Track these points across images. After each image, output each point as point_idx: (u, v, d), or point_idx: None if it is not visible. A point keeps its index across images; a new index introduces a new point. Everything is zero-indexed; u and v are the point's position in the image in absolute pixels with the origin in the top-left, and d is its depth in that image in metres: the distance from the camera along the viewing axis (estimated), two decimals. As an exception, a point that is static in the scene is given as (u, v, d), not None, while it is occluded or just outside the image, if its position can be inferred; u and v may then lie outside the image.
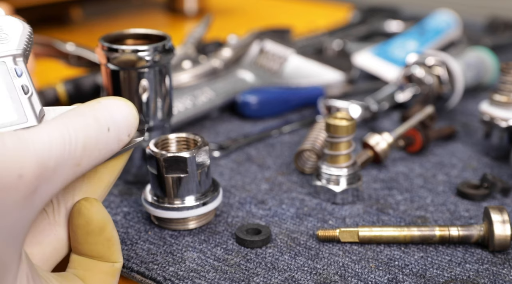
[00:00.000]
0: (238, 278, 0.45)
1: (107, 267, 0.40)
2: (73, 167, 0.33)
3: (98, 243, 0.39)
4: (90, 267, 0.39)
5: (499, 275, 0.45)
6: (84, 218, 0.38)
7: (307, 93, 0.75)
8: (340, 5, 1.29)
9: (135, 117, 0.37)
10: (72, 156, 0.33)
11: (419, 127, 0.64)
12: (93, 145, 0.34)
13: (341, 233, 0.49)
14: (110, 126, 0.35)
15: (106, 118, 0.35)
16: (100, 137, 0.34)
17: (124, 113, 0.36)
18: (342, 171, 0.55)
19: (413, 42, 0.87)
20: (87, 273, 0.39)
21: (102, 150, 0.35)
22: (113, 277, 0.40)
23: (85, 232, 0.38)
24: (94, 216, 0.38)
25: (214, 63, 0.78)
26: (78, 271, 0.39)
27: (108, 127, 0.35)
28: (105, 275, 0.39)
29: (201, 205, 0.50)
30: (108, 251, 0.39)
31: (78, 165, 0.33)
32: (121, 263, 0.40)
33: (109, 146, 0.35)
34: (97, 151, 0.34)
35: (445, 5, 1.11)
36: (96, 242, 0.39)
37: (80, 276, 0.39)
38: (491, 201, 0.55)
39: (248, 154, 0.64)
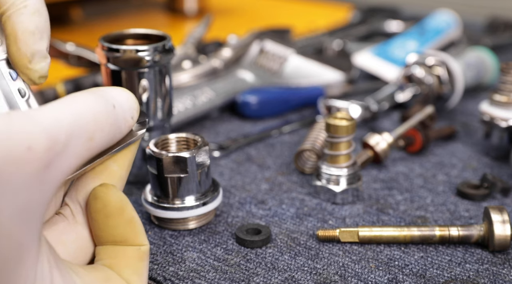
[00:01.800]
0: (238, 278, 0.45)
1: (133, 251, 0.38)
2: (86, 142, 0.33)
3: (119, 226, 0.38)
4: (116, 254, 0.38)
5: (499, 275, 0.45)
6: (101, 201, 0.38)
7: (307, 93, 0.75)
8: (340, 5, 1.29)
9: (135, 102, 0.37)
10: (84, 130, 0.33)
11: (419, 127, 0.64)
12: (104, 118, 0.34)
13: (341, 233, 0.49)
14: (115, 104, 0.35)
15: (110, 97, 0.35)
16: (109, 111, 0.35)
17: (124, 96, 0.37)
18: (342, 171, 0.55)
19: (413, 42, 0.87)
20: (114, 261, 0.38)
21: (112, 126, 0.35)
22: (141, 260, 0.39)
23: (104, 215, 0.38)
24: (111, 198, 0.38)
25: (214, 63, 0.78)
26: (105, 260, 0.38)
27: (113, 104, 0.35)
28: (133, 260, 0.38)
29: (201, 205, 0.50)
30: (132, 233, 0.38)
31: (91, 139, 0.33)
32: (147, 246, 0.39)
33: (118, 123, 0.36)
34: (108, 125, 0.34)
35: (445, 5, 1.11)
36: (118, 224, 0.38)
37: (108, 265, 0.38)
38: (491, 201, 0.55)
39: (248, 154, 0.64)
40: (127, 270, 0.38)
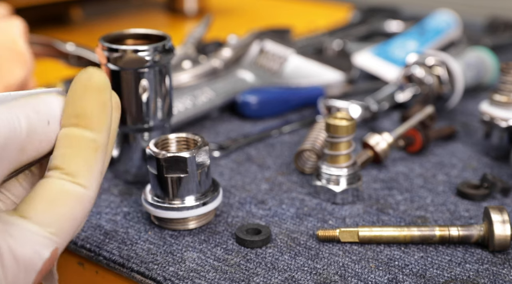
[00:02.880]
0: (238, 278, 0.45)
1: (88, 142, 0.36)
2: (18, 152, 0.34)
3: (90, 102, 0.36)
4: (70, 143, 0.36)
5: (499, 275, 0.45)
6: (88, 73, 0.37)
7: (307, 93, 0.75)
8: (340, 5, 1.29)
9: None
10: (18, 140, 0.34)
11: (419, 127, 0.64)
12: (35, 134, 0.35)
13: (341, 233, 0.49)
14: (50, 120, 0.36)
15: (46, 111, 0.36)
16: (41, 129, 0.35)
17: (60, 106, 0.37)
18: (342, 171, 0.55)
19: (413, 42, 0.87)
20: (66, 151, 0.36)
21: (43, 142, 0.35)
22: (95, 151, 0.36)
23: (83, 86, 0.37)
24: (99, 75, 0.37)
25: (214, 63, 0.78)
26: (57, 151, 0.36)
27: (48, 120, 0.36)
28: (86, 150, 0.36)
29: (201, 205, 0.50)
30: (97, 113, 0.37)
31: (22, 150, 0.34)
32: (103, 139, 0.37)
33: (49, 139, 0.36)
34: (38, 141, 0.35)
35: (445, 5, 1.11)
36: (90, 100, 0.36)
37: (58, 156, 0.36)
38: (491, 201, 0.55)
39: (248, 154, 0.64)
40: (79, 161, 0.36)
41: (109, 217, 0.53)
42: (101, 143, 0.37)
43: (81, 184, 0.35)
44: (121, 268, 0.47)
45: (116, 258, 0.47)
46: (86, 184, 0.36)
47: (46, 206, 0.34)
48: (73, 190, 0.35)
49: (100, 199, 0.55)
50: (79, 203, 0.35)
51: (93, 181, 0.36)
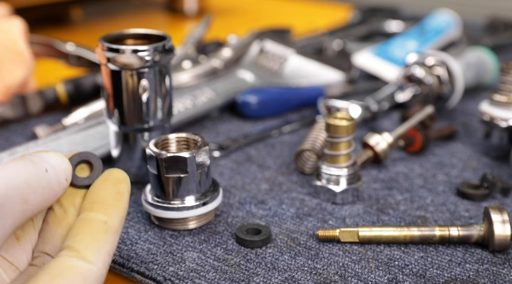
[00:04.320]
0: (238, 278, 0.45)
1: (99, 223, 0.38)
2: (21, 205, 0.35)
3: (108, 189, 0.39)
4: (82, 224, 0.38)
5: (499, 275, 0.45)
6: (110, 171, 0.40)
7: (307, 93, 0.75)
8: (340, 5, 1.29)
9: (68, 164, 0.39)
10: (17, 193, 0.34)
11: (419, 127, 0.64)
12: (36, 181, 0.36)
13: (341, 233, 0.49)
14: (47, 168, 0.37)
15: (41, 161, 0.37)
16: (40, 175, 0.36)
17: (57, 159, 0.38)
18: (342, 171, 0.55)
19: (413, 42, 0.87)
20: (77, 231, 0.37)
21: (45, 188, 0.36)
22: (105, 233, 0.38)
23: (104, 178, 0.40)
24: (118, 171, 0.40)
25: (214, 63, 0.78)
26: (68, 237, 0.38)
27: (45, 168, 0.37)
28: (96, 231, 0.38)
29: (201, 205, 0.50)
30: (113, 201, 0.39)
31: (25, 201, 0.35)
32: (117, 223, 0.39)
33: (51, 185, 0.37)
34: (41, 188, 0.36)
35: (445, 5, 1.11)
36: (108, 188, 0.39)
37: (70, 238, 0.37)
38: (491, 201, 0.55)
39: (248, 154, 0.64)
40: (87, 239, 0.37)
41: (109, 217, 0.53)
42: (113, 226, 0.38)
43: (86, 259, 0.36)
44: (121, 268, 0.47)
45: (116, 258, 0.47)
46: (91, 260, 0.36)
47: (49, 281, 0.35)
48: (78, 265, 0.36)
49: (100, 199, 0.55)
50: (83, 277, 0.36)
51: (99, 258, 0.37)
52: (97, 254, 0.37)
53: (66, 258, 0.36)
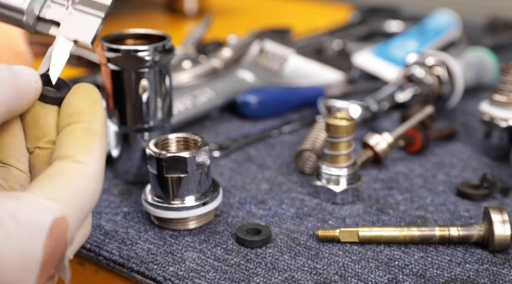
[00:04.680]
0: (238, 278, 0.45)
1: (82, 130, 0.38)
2: None
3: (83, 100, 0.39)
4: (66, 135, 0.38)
5: (499, 275, 0.45)
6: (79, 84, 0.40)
7: (307, 93, 0.75)
8: (340, 5, 1.29)
9: (35, 71, 0.39)
10: None
11: (419, 127, 0.64)
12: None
13: (341, 233, 0.49)
14: (11, 67, 0.37)
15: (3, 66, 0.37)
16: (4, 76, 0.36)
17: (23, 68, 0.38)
18: (342, 171, 0.55)
19: (413, 42, 0.87)
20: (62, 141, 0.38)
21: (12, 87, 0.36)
22: (90, 137, 0.38)
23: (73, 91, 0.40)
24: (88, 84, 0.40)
25: (214, 63, 0.78)
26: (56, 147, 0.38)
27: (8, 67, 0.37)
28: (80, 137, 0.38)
29: (201, 205, 0.50)
30: (89, 108, 0.39)
31: None
32: (99, 127, 0.39)
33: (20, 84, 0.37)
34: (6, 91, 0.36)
35: (445, 5, 1.11)
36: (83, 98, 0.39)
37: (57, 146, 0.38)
38: (491, 201, 0.55)
39: (248, 154, 0.64)
40: (75, 144, 0.37)
41: (109, 217, 0.53)
42: (96, 130, 0.38)
43: (80, 161, 0.36)
44: (121, 268, 0.47)
45: (116, 258, 0.47)
46: (84, 161, 0.36)
47: (47, 180, 0.35)
48: (71, 166, 0.36)
49: (100, 199, 0.55)
50: (79, 176, 0.36)
51: (92, 159, 0.37)
52: (88, 155, 0.37)
53: (59, 163, 0.36)
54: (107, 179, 0.59)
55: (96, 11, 0.41)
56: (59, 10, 0.41)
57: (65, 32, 0.41)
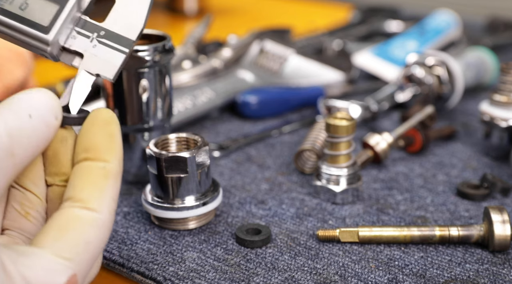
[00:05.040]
0: (238, 278, 0.45)
1: (98, 169, 0.37)
2: (7, 158, 0.33)
3: (98, 135, 0.37)
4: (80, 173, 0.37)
5: (499, 275, 0.45)
6: (94, 112, 0.38)
7: (307, 93, 0.75)
8: (340, 5, 1.29)
9: (55, 100, 0.36)
10: (1, 147, 0.33)
11: (419, 127, 0.64)
12: (18, 132, 0.34)
13: (341, 233, 0.49)
14: (31, 113, 0.35)
15: (22, 107, 0.35)
16: (23, 125, 0.34)
17: (42, 99, 0.36)
18: (342, 171, 0.55)
19: (413, 42, 0.87)
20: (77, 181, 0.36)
21: (32, 137, 0.35)
22: (105, 178, 0.37)
23: (90, 123, 0.38)
24: (104, 111, 0.38)
25: (214, 63, 0.78)
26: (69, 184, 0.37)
27: (28, 114, 0.35)
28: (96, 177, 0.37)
29: (201, 205, 0.50)
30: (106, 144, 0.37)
31: (12, 155, 0.33)
32: (115, 166, 0.37)
33: (38, 132, 0.35)
34: (25, 138, 0.34)
35: (445, 5, 1.11)
36: (98, 133, 0.37)
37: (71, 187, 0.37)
38: (491, 201, 0.55)
39: (248, 154, 0.64)
40: (89, 187, 0.36)
41: (109, 217, 0.53)
42: (111, 170, 0.37)
43: (92, 208, 0.35)
44: (121, 268, 0.47)
45: (116, 258, 0.47)
46: (97, 208, 0.36)
47: (57, 233, 0.34)
48: (83, 215, 0.35)
49: (100, 199, 0.55)
50: (91, 227, 0.35)
51: (104, 205, 0.36)
52: (100, 201, 0.36)
53: (70, 209, 0.35)
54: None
55: (121, 46, 0.40)
56: (83, 42, 0.40)
57: (88, 65, 0.40)
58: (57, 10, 0.39)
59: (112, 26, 0.41)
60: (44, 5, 0.39)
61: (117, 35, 0.40)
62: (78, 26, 0.40)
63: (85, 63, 0.40)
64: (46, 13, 0.39)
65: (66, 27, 0.39)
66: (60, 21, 0.39)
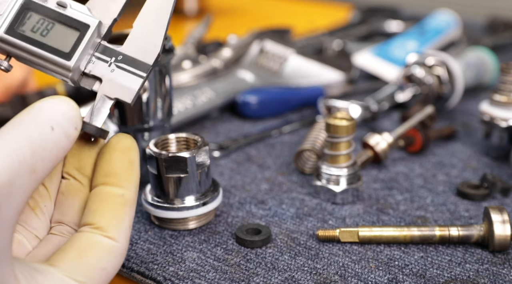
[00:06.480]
0: (238, 278, 0.45)
1: (116, 197, 0.38)
2: (30, 175, 0.33)
3: (118, 160, 0.39)
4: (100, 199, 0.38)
5: (499, 275, 0.45)
6: (116, 138, 0.40)
7: (307, 93, 0.75)
8: (340, 5, 1.29)
9: (76, 109, 0.36)
10: (24, 165, 0.32)
11: (419, 127, 0.64)
12: (41, 148, 0.34)
13: (341, 233, 0.49)
14: (53, 125, 0.35)
15: (45, 119, 0.35)
16: (46, 138, 0.34)
17: (63, 109, 0.36)
18: (342, 171, 0.55)
19: (413, 42, 0.87)
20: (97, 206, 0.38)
21: (53, 150, 0.34)
22: (123, 206, 0.38)
23: (112, 149, 0.39)
24: (124, 138, 0.40)
25: (214, 63, 0.78)
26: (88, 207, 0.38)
27: (51, 126, 0.35)
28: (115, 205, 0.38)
29: (201, 205, 0.50)
30: (125, 172, 0.39)
31: (34, 171, 0.33)
32: (132, 194, 0.39)
33: (59, 144, 0.35)
34: (47, 152, 0.34)
35: (445, 5, 1.11)
36: (118, 158, 0.39)
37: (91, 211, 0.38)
38: (491, 201, 0.55)
39: (248, 154, 0.64)
40: (108, 214, 0.37)
41: (109, 217, 0.53)
42: (129, 198, 0.39)
43: (111, 237, 0.37)
44: (121, 268, 0.47)
45: (116, 258, 0.47)
46: (116, 237, 0.37)
47: (75, 256, 0.35)
48: (103, 242, 0.36)
49: (100, 199, 0.55)
50: (109, 254, 0.36)
51: (122, 234, 0.37)
52: (119, 230, 0.37)
53: (90, 235, 0.36)
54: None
55: (138, 71, 0.41)
56: (102, 67, 0.40)
57: (107, 90, 0.40)
58: (78, 37, 0.40)
59: (130, 50, 0.41)
60: (65, 32, 0.40)
61: (134, 59, 0.41)
62: (97, 52, 0.41)
63: (104, 88, 0.41)
64: (67, 40, 0.40)
65: (87, 53, 0.40)
66: (81, 47, 0.40)
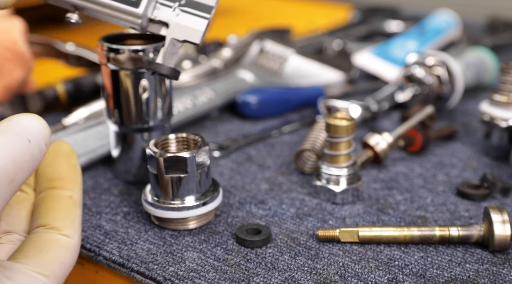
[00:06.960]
0: (238, 278, 0.45)
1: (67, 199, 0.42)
2: (7, 185, 0.34)
3: (63, 165, 0.42)
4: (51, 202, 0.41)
5: (499, 275, 0.45)
6: (57, 144, 0.43)
7: (307, 93, 0.75)
8: (340, 5, 1.29)
9: (48, 128, 0.38)
10: (5, 174, 0.33)
11: (419, 127, 0.64)
12: (21, 158, 0.35)
13: (341, 233, 0.49)
14: (30, 138, 0.36)
15: (23, 131, 0.36)
16: (25, 150, 0.35)
17: (37, 125, 0.37)
18: (342, 171, 0.55)
19: (413, 42, 0.87)
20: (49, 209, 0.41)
21: (30, 162, 0.36)
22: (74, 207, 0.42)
23: (55, 155, 0.42)
24: (65, 145, 0.44)
25: (214, 63, 0.78)
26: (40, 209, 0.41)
27: (28, 139, 0.36)
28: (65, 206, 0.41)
29: (201, 205, 0.50)
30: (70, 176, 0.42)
31: (12, 181, 0.34)
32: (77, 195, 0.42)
33: (34, 157, 0.36)
34: (26, 163, 0.35)
35: (445, 5, 1.11)
36: (63, 164, 0.42)
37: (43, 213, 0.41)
38: (491, 201, 0.55)
39: (248, 154, 0.64)
40: (61, 215, 0.41)
41: (109, 217, 0.53)
42: (77, 199, 0.42)
43: (67, 235, 0.40)
44: (121, 268, 0.47)
45: (116, 258, 0.47)
46: (71, 235, 0.41)
47: (37, 252, 0.38)
48: (60, 239, 0.40)
49: (100, 199, 0.55)
50: (66, 250, 0.40)
51: (76, 231, 0.41)
52: (73, 228, 0.41)
53: (47, 234, 0.40)
54: (107, 179, 0.59)
55: (202, 13, 0.43)
56: (167, 12, 0.43)
57: (175, 33, 0.43)
58: None
59: None
60: None
61: (197, 2, 0.44)
62: None
63: (171, 32, 0.43)
64: None
65: (152, 0, 0.43)
66: None
